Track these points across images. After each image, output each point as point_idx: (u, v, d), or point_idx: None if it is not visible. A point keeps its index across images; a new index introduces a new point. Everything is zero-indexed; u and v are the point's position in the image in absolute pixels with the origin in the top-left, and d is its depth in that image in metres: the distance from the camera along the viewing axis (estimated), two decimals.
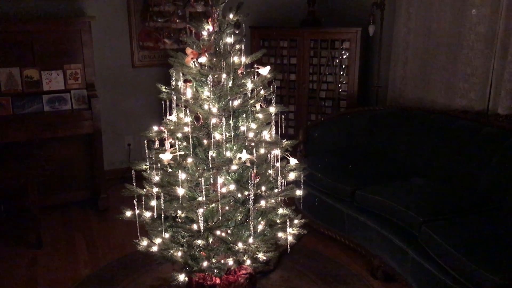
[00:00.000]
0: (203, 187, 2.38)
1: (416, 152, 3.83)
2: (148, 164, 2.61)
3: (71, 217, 4.30)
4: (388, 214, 3.19)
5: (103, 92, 4.71)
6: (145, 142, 2.62)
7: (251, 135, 2.47)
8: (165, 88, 2.59)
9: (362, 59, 4.76)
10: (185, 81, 2.40)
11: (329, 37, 4.81)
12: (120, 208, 2.68)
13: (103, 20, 4.72)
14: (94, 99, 4.21)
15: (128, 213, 2.62)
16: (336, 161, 3.91)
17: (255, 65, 2.57)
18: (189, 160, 2.43)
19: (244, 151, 2.38)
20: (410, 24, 4.38)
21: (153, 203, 2.56)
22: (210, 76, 2.34)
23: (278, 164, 2.58)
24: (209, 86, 2.35)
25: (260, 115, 2.62)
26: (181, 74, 2.42)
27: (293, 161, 2.70)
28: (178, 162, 2.39)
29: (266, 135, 2.56)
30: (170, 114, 2.63)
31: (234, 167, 2.40)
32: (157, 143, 2.69)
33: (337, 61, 4.81)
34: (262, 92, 2.58)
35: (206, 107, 2.41)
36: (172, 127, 2.49)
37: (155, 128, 2.62)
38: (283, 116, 2.65)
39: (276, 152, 2.59)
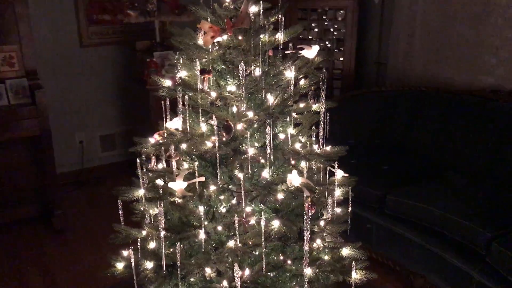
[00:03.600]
0: (236, 226, 1.62)
1: (442, 143, 3.22)
2: (145, 192, 1.80)
3: (19, 242, 3.36)
4: (438, 225, 2.58)
5: (45, 79, 3.74)
6: (137, 161, 1.81)
7: (297, 146, 1.73)
8: (159, 80, 1.78)
9: (360, 32, 4.09)
10: (203, 71, 1.60)
11: (321, 6, 4.09)
12: (107, 258, 1.86)
13: None
14: (39, 90, 3.25)
15: (120, 265, 1.81)
16: (350, 157, 3.23)
17: (290, 45, 1.81)
18: (212, 188, 1.66)
19: (294, 172, 1.64)
20: None
21: (157, 248, 1.78)
22: (242, 63, 1.56)
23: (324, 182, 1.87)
24: (240, 77, 1.57)
25: (294, 114, 1.88)
26: (197, 62, 1.61)
27: (339, 174, 1.98)
28: (199, 194, 1.61)
29: (312, 144, 1.83)
30: (167, 119, 1.83)
31: (280, 196, 1.66)
32: (153, 161, 1.89)
33: (331, 34, 4.12)
34: (302, 82, 1.83)
35: (234, 109, 1.63)
36: (178, 139, 1.70)
37: (151, 140, 1.82)
38: (327, 114, 1.91)
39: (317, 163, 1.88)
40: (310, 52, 1.75)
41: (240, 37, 1.65)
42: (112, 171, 4.40)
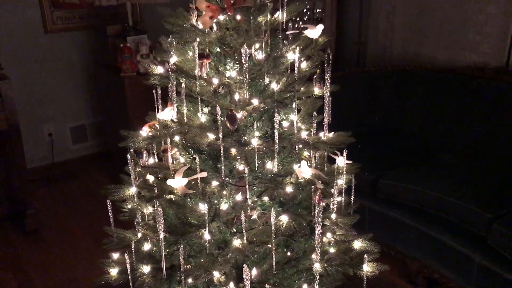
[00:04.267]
0: (243, 223, 1.49)
1: (430, 123, 3.17)
2: (137, 190, 1.64)
3: None
4: (434, 208, 2.52)
5: (7, 69, 3.44)
6: (128, 156, 1.65)
7: (304, 134, 1.61)
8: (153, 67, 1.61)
9: (339, 11, 3.98)
10: (201, 56, 1.45)
11: None
12: (99, 262, 1.70)
13: None
14: (3, 81, 3.00)
15: (114, 271, 1.65)
16: None
17: (290, 25, 1.68)
18: (214, 183, 1.52)
19: (303, 163, 1.52)
20: None
21: (152, 250, 1.63)
22: (245, 46, 1.41)
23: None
24: (243, 62, 1.42)
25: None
26: (195, 45, 1.45)
27: (342, 161, 1.87)
28: (202, 191, 1.46)
29: (316, 132, 1.71)
30: (159, 109, 1.67)
31: (289, 189, 1.53)
32: (145, 155, 1.72)
33: (309, 15, 4.00)
34: (304, 65, 1.70)
35: (237, 96, 1.49)
36: (174, 131, 1.54)
37: (143, 133, 1.65)
38: (330, 99, 1.80)
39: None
40: (314, 32, 1.62)
41: (239, 17, 1.50)
42: (85, 164, 4.19)
